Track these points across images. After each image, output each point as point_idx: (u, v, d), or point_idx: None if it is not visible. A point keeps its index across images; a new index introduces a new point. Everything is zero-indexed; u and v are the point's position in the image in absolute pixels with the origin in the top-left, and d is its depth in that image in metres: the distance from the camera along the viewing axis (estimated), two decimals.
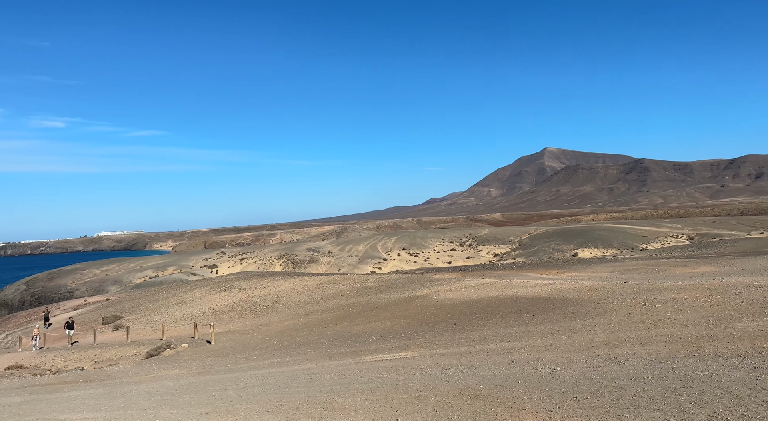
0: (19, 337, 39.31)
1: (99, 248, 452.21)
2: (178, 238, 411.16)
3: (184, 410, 11.22)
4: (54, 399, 14.22)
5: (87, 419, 11.08)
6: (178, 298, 43.59)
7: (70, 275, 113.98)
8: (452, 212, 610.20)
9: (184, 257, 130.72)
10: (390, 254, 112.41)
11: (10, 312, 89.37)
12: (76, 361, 26.07)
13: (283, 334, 24.68)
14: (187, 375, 16.60)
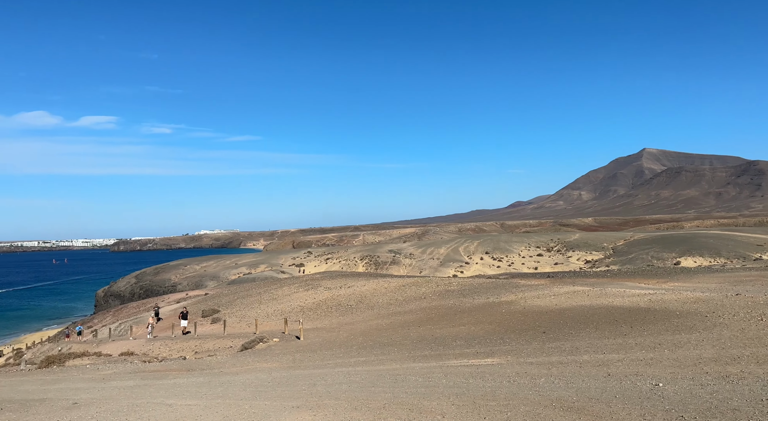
0: (130, 326, 43.19)
1: (199, 245, 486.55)
2: (269, 237, 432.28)
3: (277, 403, 11.72)
4: (161, 385, 15.44)
5: (190, 405, 11.91)
6: (270, 294, 45.75)
7: (173, 270, 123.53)
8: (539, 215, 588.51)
9: (274, 256, 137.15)
10: (472, 257, 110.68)
11: (122, 303, 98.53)
12: (179, 350, 28.16)
13: (367, 333, 25.08)
14: (279, 369, 17.35)
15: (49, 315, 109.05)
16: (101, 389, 15.17)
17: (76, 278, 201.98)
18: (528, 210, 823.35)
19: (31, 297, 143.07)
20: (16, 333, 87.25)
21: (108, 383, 16.60)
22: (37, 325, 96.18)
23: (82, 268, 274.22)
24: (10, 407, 12.96)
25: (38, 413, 11.99)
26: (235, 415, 10.73)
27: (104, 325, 55.34)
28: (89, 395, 14.09)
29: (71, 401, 13.20)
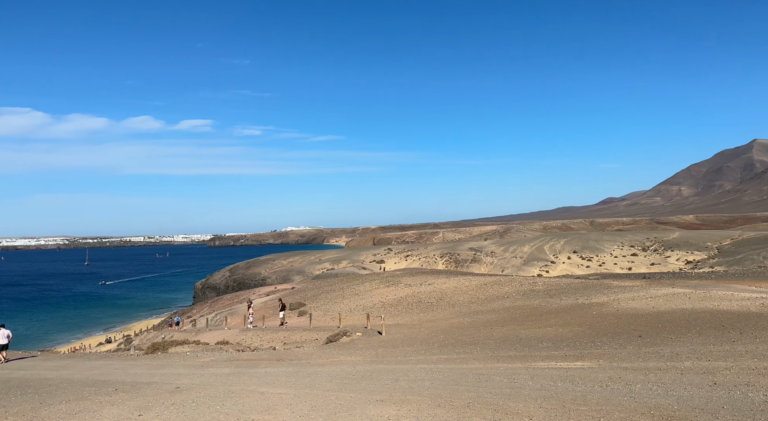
0: (225, 316, 45.97)
1: (286, 241, 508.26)
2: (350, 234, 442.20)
3: (362, 395, 11.96)
4: (253, 373, 16.30)
5: (281, 393, 12.46)
6: (352, 290, 46.80)
7: (263, 265, 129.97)
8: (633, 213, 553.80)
9: (356, 252, 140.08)
10: (558, 256, 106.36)
11: (218, 295, 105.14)
12: (269, 341, 29.56)
13: (449, 331, 24.90)
14: (362, 362, 17.70)
15: (153, 305, 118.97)
16: (200, 376, 16.28)
17: (177, 271, 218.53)
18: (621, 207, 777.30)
19: (138, 288, 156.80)
20: (126, 321, 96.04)
21: (206, 369, 17.78)
22: (144, 314, 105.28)
23: (182, 261, 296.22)
24: (123, 388, 14.27)
25: (146, 395, 13.09)
26: (323, 405, 11.08)
27: (202, 315, 59.37)
28: (190, 381, 15.17)
29: (174, 385, 14.28)
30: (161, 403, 11.82)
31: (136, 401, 12.27)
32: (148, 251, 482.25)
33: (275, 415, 10.40)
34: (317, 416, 10.31)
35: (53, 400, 12.98)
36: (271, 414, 10.47)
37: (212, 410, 10.85)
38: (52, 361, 24.99)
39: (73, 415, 10.96)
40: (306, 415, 10.35)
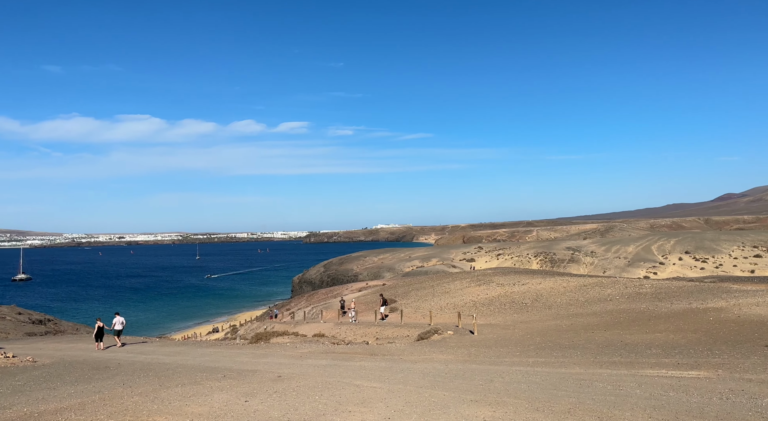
0: (321, 310, 47.71)
1: (376, 238, 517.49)
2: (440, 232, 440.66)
3: (455, 394, 11.85)
4: (349, 366, 16.76)
5: (375, 387, 12.69)
6: (442, 288, 46.59)
7: (354, 261, 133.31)
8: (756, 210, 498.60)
9: (445, 250, 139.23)
10: (668, 257, 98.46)
11: (313, 289, 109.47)
12: (362, 336, 30.25)
13: (545, 333, 23.95)
14: (455, 361, 17.55)
15: (255, 297, 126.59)
16: (299, 366, 17.03)
17: (276, 266, 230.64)
18: (741, 204, 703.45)
19: (241, 282, 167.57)
20: (231, 312, 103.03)
21: (304, 360, 18.56)
22: (247, 305, 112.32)
23: (281, 257, 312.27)
24: (231, 375, 15.29)
25: (251, 382, 13.92)
26: (417, 402, 11.12)
27: (299, 308, 62.12)
28: (290, 370, 15.92)
29: (276, 374, 15.06)
30: (265, 390, 12.52)
31: (243, 387, 13.10)
32: (251, 247, 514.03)
33: (371, 408, 10.61)
34: (411, 412, 10.37)
35: (170, 383, 14.22)
36: (366, 407, 10.70)
37: (311, 400, 11.30)
38: (168, 347, 27.38)
39: (187, 398, 11.93)
40: (400, 410, 10.45)
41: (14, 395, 13.40)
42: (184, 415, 10.20)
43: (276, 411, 10.39)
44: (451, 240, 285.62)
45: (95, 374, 16.70)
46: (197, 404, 11.12)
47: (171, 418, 9.97)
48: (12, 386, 14.75)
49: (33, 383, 15.16)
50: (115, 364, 19.07)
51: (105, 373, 16.80)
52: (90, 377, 16.08)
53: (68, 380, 15.68)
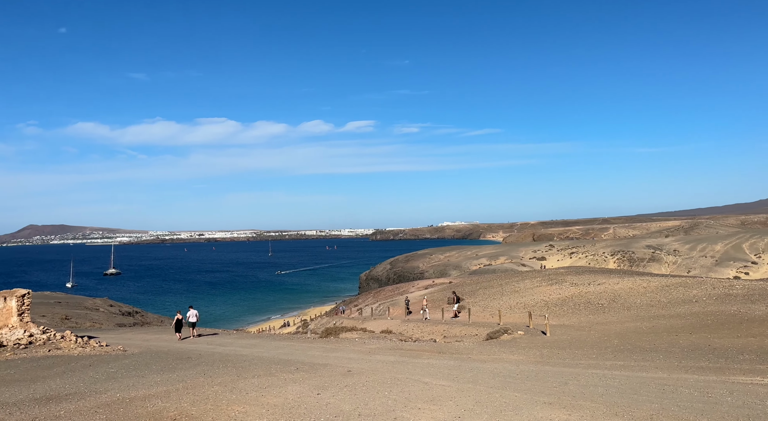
0: (387, 307, 48.08)
1: (442, 236, 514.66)
2: (508, 229, 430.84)
3: (527, 396, 11.53)
4: (416, 363, 16.75)
5: (444, 385, 12.61)
6: (511, 287, 45.51)
7: (420, 259, 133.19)
8: None
9: (514, 248, 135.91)
10: (762, 256, 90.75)
11: (380, 286, 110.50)
12: (430, 333, 30.16)
13: (624, 336, 22.78)
14: (526, 362, 17.08)
15: (324, 293, 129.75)
16: (368, 361, 17.23)
17: (344, 263, 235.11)
18: None
19: (310, 277, 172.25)
20: (302, 307, 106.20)
21: (373, 356, 18.77)
22: (316, 301, 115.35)
23: (348, 254, 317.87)
24: (303, 368, 15.74)
25: (323, 375, 14.25)
26: (487, 401, 10.92)
27: (367, 305, 62.91)
28: (359, 365, 16.15)
29: (346, 369, 15.33)
30: (336, 384, 12.77)
31: (315, 380, 13.44)
32: (319, 244, 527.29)
33: (440, 406, 10.55)
34: (482, 411, 10.20)
35: (247, 374, 14.85)
36: (436, 405, 10.65)
37: (381, 396, 11.39)
38: (245, 339, 28.60)
39: (263, 389, 12.39)
40: (470, 410, 10.31)
41: (108, 381, 14.52)
42: (261, 405, 10.60)
43: (347, 405, 10.57)
44: (520, 238, 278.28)
45: (178, 363, 17.75)
46: (272, 395, 11.52)
47: (248, 408, 10.40)
48: (106, 373, 15.99)
49: (124, 371, 16.35)
50: (196, 355, 20.18)
51: (187, 363, 17.82)
52: (174, 366, 17.11)
53: (155, 368, 16.78)
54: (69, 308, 64.29)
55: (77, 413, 10.28)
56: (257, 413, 9.93)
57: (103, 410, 10.48)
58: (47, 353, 21.05)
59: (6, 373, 16.63)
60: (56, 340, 23.21)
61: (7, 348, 21.30)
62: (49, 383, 14.27)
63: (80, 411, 10.50)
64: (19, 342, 22.09)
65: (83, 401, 11.62)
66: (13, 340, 22.15)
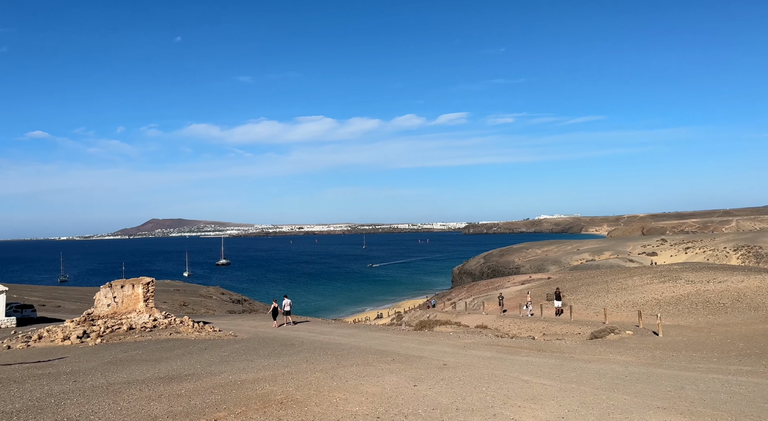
0: (482, 301, 47.30)
1: (539, 229, 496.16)
2: (613, 223, 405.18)
3: (638, 399, 10.77)
4: (514, 360, 16.29)
5: (545, 384, 12.13)
6: (618, 284, 42.78)
7: (516, 253, 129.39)
8: None
9: (620, 243, 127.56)
10: None
11: (473, 280, 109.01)
12: (527, 330, 29.22)
13: (751, 339, 20.52)
14: (636, 364, 15.96)
15: (416, 286, 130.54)
16: (463, 356, 17.05)
17: (436, 256, 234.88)
18: None
19: (402, 270, 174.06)
20: (395, 299, 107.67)
21: (468, 351, 18.54)
22: (409, 293, 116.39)
23: (440, 247, 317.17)
24: (399, 359, 15.93)
25: (418, 367, 14.32)
26: (593, 403, 10.35)
27: (460, 299, 62.38)
28: (455, 359, 16.02)
29: (442, 362, 15.28)
30: (431, 377, 12.77)
31: (411, 372, 13.54)
32: (411, 237, 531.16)
33: (541, 405, 10.16)
34: (587, 413, 9.67)
35: (346, 362, 15.32)
36: (537, 403, 10.27)
37: (478, 391, 11.21)
38: (343, 329, 29.57)
39: (362, 377, 12.71)
40: (575, 411, 9.82)
41: (221, 364, 15.68)
42: (360, 393, 10.88)
43: (444, 398, 10.52)
44: (627, 232, 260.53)
45: (283, 349, 18.75)
46: (371, 384, 11.78)
47: (348, 395, 10.71)
48: (219, 356, 17.29)
49: (235, 355, 17.57)
50: (299, 342, 21.19)
51: (291, 349, 18.76)
52: (279, 352, 18.10)
53: (262, 353, 17.85)
54: (186, 296, 70.49)
55: (195, 393, 11.20)
56: (357, 401, 10.20)
57: (218, 391, 11.33)
58: (169, 336, 23.20)
59: (135, 353, 18.57)
60: (176, 324, 25.51)
61: (136, 330, 23.78)
62: (171, 364, 15.70)
63: (198, 391, 11.43)
64: (145, 325, 24.56)
65: (200, 381, 12.64)
66: (140, 323, 24.66)
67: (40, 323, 34.47)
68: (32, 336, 22.92)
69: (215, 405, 9.97)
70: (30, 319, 36.66)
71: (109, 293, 25.42)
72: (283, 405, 9.88)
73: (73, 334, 22.30)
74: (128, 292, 25.57)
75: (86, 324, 23.82)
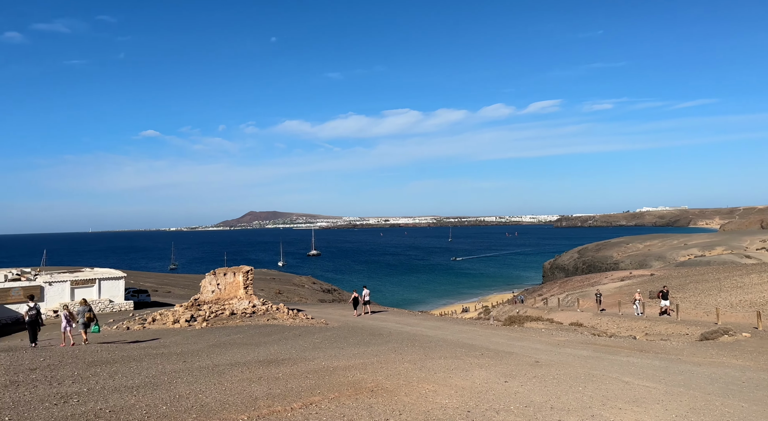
0: (576, 298, 45.19)
1: (640, 223, 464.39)
2: (726, 215, 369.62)
3: (758, 407, 9.75)
4: (614, 360, 15.37)
5: (649, 387, 11.32)
6: (732, 281, 38.99)
7: (614, 248, 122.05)
8: None
9: (735, 237, 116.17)
10: None
11: (566, 276, 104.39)
12: (628, 329, 27.47)
13: None
14: (755, 369, 14.43)
15: (505, 280, 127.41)
16: (557, 354, 16.37)
17: (526, 250, 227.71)
18: None
19: (489, 264, 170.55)
20: (481, 294, 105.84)
21: (562, 348, 17.78)
22: (496, 288, 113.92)
23: (530, 241, 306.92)
24: (488, 354, 15.64)
25: (509, 363, 13.96)
26: (704, 409, 9.50)
27: (552, 295, 60.06)
28: (548, 357, 15.44)
29: (533, 359, 14.79)
30: (523, 374, 12.40)
31: (500, 367, 13.24)
32: (498, 230, 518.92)
33: (645, 409, 9.50)
34: (698, 420, 8.90)
35: (434, 355, 15.30)
36: (640, 407, 9.62)
37: (574, 391, 10.71)
38: (429, 321, 29.59)
39: (450, 370, 12.62)
40: (684, 416, 9.08)
41: (314, 350, 16.31)
42: (449, 386, 10.81)
43: (537, 396, 10.17)
44: (743, 225, 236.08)
45: (372, 339, 19.13)
46: (459, 378, 11.67)
47: (437, 387, 10.69)
48: (312, 343, 17.99)
49: (326, 342, 18.20)
50: (387, 332, 21.52)
51: (379, 339, 19.09)
52: (368, 341, 18.49)
53: (352, 342, 18.34)
54: (281, 284, 74.21)
55: (291, 377, 11.74)
56: (446, 394, 10.14)
57: (312, 376, 11.78)
58: (266, 321, 24.54)
59: (236, 337, 19.83)
60: (273, 311, 26.91)
61: (237, 315, 25.39)
62: (269, 348, 16.59)
63: (294, 375, 11.96)
64: (245, 311, 26.15)
65: (296, 366, 13.23)
66: (241, 309, 26.29)
67: (153, 306, 37.97)
68: (147, 319, 25.27)
69: (310, 389, 10.37)
70: (145, 303, 40.47)
71: (213, 280, 27.35)
72: (374, 393, 10.06)
73: (182, 318, 24.26)
74: (230, 279, 27.35)
75: (193, 309, 25.83)
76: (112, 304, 35.75)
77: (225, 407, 9.00)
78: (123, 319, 28.15)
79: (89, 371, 12.34)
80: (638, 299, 33.26)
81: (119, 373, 12.11)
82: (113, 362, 13.67)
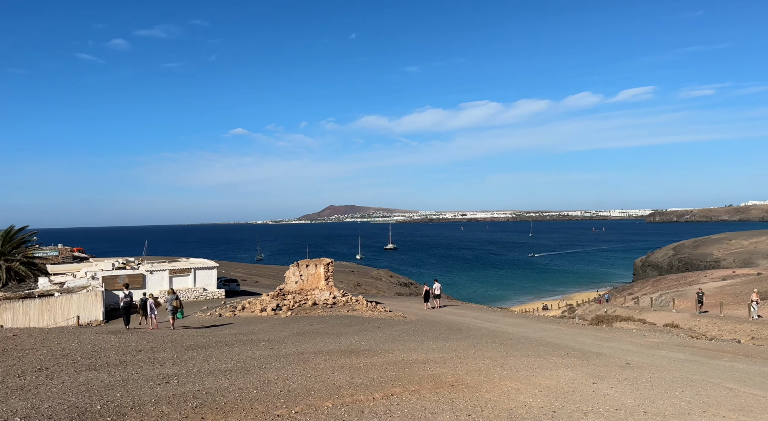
0: (672, 298, 42.24)
1: (746, 218, 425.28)
2: None
3: None
4: (715, 365, 14.21)
5: (757, 395, 10.36)
6: None
7: (715, 245, 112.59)
8: None
9: None
10: None
11: (660, 274, 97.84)
12: (731, 332, 25.29)
13: None
14: None
15: (590, 277, 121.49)
16: (650, 356, 15.40)
17: (614, 246, 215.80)
18: None
19: (573, 260, 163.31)
20: (564, 291, 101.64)
21: (656, 351, 16.70)
22: (580, 285, 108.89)
23: (618, 236, 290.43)
24: (574, 354, 15.02)
25: (597, 364, 13.32)
26: None
27: (644, 294, 56.56)
28: (640, 359, 14.56)
29: (624, 361, 14.01)
30: (613, 375, 11.78)
31: (588, 368, 12.66)
32: (584, 225, 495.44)
33: (752, 418, 8.70)
34: None
35: (516, 352, 14.93)
36: (746, 416, 8.82)
37: (670, 395, 10.03)
38: (510, 318, 28.93)
39: (533, 369, 12.26)
40: None
41: (393, 342, 16.49)
42: (532, 385, 10.51)
43: (629, 400, 9.62)
44: None
45: (450, 333, 19.02)
46: (543, 377, 11.30)
47: (520, 386, 10.43)
48: (391, 335, 18.20)
49: (405, 335, 18.34)
50: (465, 327, 21.31)
51: (458, 334, 18.95)
52: (447, 336, 18.41)
53: (430, 335, 18.34)
54: (359, 276, 75.72)
55: (372, 367, 11.95)
56: (530, 393, 9.87)
57: (392, 368, 11.92)
58: (346, 312, 25.14)
59: (319, 326, 20.50)
60: (352, 302, 27.52)
61: (318, 306, 26.24)
62: (349, 339, 17.00)
63: (374, 365, 12.17)
64: (326, 302, 26.95)
65: (376, 357, 13.45)
66: (322, 300, 27.13)
67: (242, 295, 40.17)
68: (237, 307, 26.78)
69: (390, 381, 10.50)
70: (235, 291, 42.91)
71: (297, 271, 28.43)
72: (454, 388, 10.00)
73: (269, 306, 25.47)
74: (312, 271, 28.31)
75: (278, 298, 27.02)
76: (205, 292, 38.27)
77: (311, 393, 9.34)
78: (215, 306, 30.04)
79: (187, 354, 13.30)
80: (755, 300, 29.65)
81: (213, 357, 12.94)
82: (208, 347, 14.63)
